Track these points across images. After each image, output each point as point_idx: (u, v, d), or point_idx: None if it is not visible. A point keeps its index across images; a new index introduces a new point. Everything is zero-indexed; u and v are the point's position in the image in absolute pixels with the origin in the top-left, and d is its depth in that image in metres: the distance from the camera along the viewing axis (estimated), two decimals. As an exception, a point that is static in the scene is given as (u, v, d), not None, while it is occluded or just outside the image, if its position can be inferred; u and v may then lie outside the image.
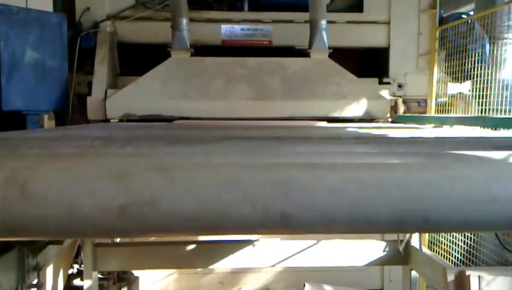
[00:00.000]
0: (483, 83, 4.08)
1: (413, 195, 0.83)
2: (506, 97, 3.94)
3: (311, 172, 0.85)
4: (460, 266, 4.18)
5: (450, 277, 2.11)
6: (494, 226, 0.89)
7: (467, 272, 2.06)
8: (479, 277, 2.00)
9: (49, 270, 2.50)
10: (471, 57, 4.23)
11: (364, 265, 4.28)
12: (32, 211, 0.77)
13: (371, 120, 4.42)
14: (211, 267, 4.37)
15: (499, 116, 3.48)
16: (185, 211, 0.79)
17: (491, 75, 4.03)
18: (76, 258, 3.80)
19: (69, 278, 3.83)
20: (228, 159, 0.96)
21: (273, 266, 4.35)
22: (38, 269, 2.15)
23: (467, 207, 0.85)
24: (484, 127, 2.82)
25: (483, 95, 4.04)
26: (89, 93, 4.19)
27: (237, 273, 5.02)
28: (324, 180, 0.84)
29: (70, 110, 4.19)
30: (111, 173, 0.80)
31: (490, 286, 1.99)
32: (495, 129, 2.77)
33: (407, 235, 3.89)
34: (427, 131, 2.60)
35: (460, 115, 4.31)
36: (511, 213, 0.86)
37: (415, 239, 4.10)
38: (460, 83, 4.66)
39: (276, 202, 0.82)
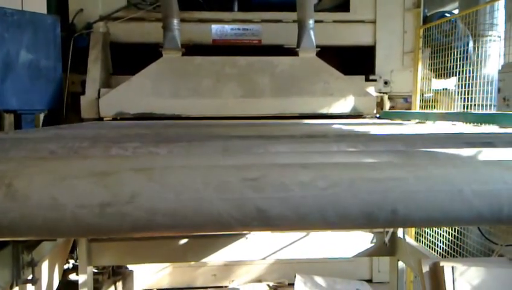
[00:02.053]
0: (467, 80, 4.12)
1: (381, 192, 0.86)
2: (489, 92, 3.99)
3: (284, 171, 0.88)
4: (446, 256, 4.24)
5: (425, 268, 2.15)
6: (458, 220, 0.92)
7: (441, 263, 2.10)
8: (452, 267, 2.05)
9: (45, 266, 2.51)
10: (455, 54, 4.27)
11: (353, 256, 4.33)
12: (16, 211, 0.78)
13: (358, 116, 4.45)
14: (204, 260, 4.39)
15: (479, 111, 3.52)
16: (163, 210, 0.81)
17: (475, 72, 4.08)
18: (72, 253, 3.81)
19: (65, 273, 3.83)
20: (206, 158, 0.99)
21: (264, 258, 4.38)
22: (33, 264, 2.16)
23: (432, 203, 0.87)
24: (466, 123, 2.86)
25: (467, 91, 4.08)
26: (83, 93, 4.19)
27: (230, 266, 5.05)
28: (296, 179, 0.86)
29: (65, 109, 4.19)
30: (93, 173, 0.82)
31: (463, 276, 2.04)
32: (477, 124, 2.81)
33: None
34: (409, 127, 2.63)
35: (443, 110, 4.35)
36: (474, 208, 0.88)
37: (401, 231, 4.14)
38: (445, 79, 4.70)
39: (250, 200, 0.84)
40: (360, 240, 4.25)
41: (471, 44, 4.52)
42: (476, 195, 0.87)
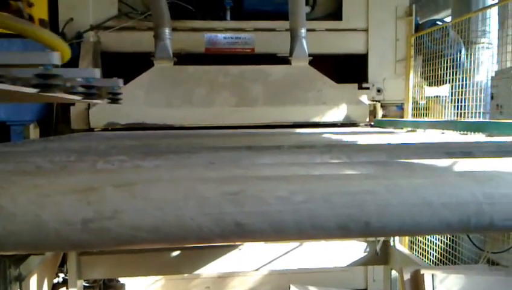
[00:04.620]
0: (458, 87, 4.20)
1: (355, 205, 0.91)
2: (479, 100, 4.07)
3: (263, 184, 0.92)
4: (439, 264, 4.30)
5: (406, 276, 2.21)
6: (428, 230, 0.98)
7: (422, 271, 2.16)
8: (432, 275, 2.11)
9: (33, 280, 2.52)
10: (447, 62, 4.35)
11: (347, 266, 4.37)
12: (1, 227, 0.82)
13: (352, 124, 4.52)
14: (197, 272, 4.41)
15: (469, 119, 3.59)
16: (145, 225, 0.86)
17: (466, 79, 4.15)
18: (61, 267, 3.81)
19: (55, 287, 3.84)
20: (188, 172, 1.03)
21: (258, 269, 4.41)
22: (21, 279, 2.18)
23: (403, 215, 0.92)
24: (455, 131, 2.92)
25: (459, 98, 4.16)
26: (73, 103, 4.22)
27: (223, 278, 5.07)
28: (274, 192, 0.91)
29: (54, 120, 4.21)
30: (76, 190, 0.86)
31: (443, 283, 2.10)
32: (465, 133, 2.88)
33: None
34: (398, 136, 2.69)
35: (434, 119, 4.43)
36: (443, 219, 0.94)
37: (395, 239, 4.20)
38: (437, 87, 4.78)
39: (230, 215, 0.88)
40: (354, 250, 4.30)
41: (463, 51, 4.60)
42: (445, 207, 0.93)
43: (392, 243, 4.09)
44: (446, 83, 4.48)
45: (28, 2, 2.60)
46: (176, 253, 4.23)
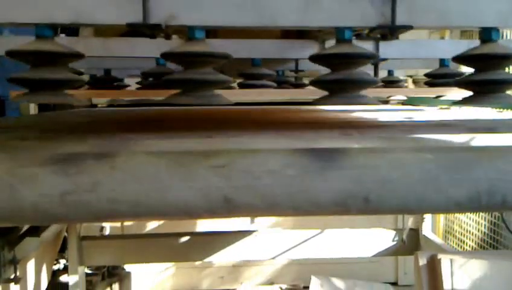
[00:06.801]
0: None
1: (352, 179, 0.92)
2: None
3: (253, 156, 0.94)
4: (476, 256, 4.26)
5: (422, 261, 2.21)
6: (434, 208, 0.97)
7: (439, 256, 2.15)
8: (451, 260, 2.09)
9: (30, 265, 2.60)
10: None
11: (373, 255, 4.36)
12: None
13: (381, 102, 4.45)
14: (209, 259, 4.45)
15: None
16: (125, 199, 0.89)
17: None
18: (63, 252, 3.88)
19: (56, 274, 3.92)
20: (177, 145, 1.06)
21: (276, 258, 4.43)
22: (15, 262, 2.25)
23: (406, 191, 0.93)
24: (495, 108, 2.87)
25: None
26: (72, 78, 4.24)
27: (238, 267, 5.13)
28: (264, 165, 0.92)
29: (54, 95, 4.25)
30: (54, 161, 0.90)
31: (463, 268, 2.08)
32: (503, 110, 2.82)
33: (409, 222, 3.96)
34: (426, 113, 2.66)
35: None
36: (450, 195, 0.94)
37: (426, 228, 4.18)
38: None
39: (218, 188, 0.90)
40: (381, 238, 4.29)
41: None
42: (452, 183, 0.93)
43: (425, 232, 4.07)
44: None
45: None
46: (186, 238, 4.27)
